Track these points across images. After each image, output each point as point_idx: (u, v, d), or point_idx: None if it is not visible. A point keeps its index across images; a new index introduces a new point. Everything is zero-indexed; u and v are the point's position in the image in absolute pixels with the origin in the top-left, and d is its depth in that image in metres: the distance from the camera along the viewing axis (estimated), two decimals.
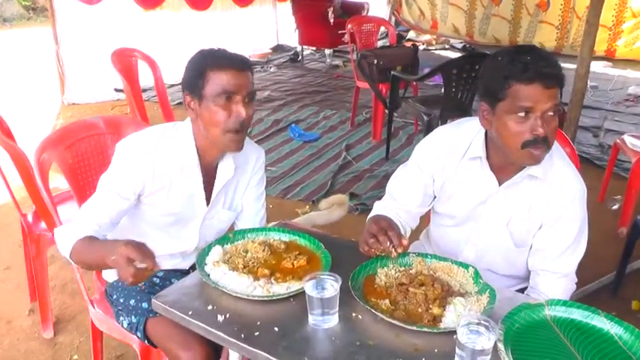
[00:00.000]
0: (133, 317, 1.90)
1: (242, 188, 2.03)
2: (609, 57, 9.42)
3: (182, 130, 1.86)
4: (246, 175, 2.01)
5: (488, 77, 1.69)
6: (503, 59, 1.64)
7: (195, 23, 8.01)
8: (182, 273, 1.99)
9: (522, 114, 1.60)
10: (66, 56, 6.67)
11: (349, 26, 5.95)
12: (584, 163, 5.02)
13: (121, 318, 1.94)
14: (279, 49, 9.99)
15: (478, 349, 1.26)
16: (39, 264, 2.78)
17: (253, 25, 9.23)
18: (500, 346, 1.31)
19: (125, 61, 4.52)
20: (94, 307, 2.15)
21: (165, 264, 1.89)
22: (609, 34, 9.38)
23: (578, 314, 1.48)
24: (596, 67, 7.70)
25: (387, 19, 9.89)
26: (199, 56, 1.78)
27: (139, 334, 1.88)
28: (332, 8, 8.76)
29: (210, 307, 1.54)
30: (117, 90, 6.81)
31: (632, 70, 8.72)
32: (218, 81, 1.72)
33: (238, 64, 1.74)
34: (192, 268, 2.01)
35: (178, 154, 1.84)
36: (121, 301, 1.96)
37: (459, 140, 1.86)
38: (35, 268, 2.81)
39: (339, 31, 8.60)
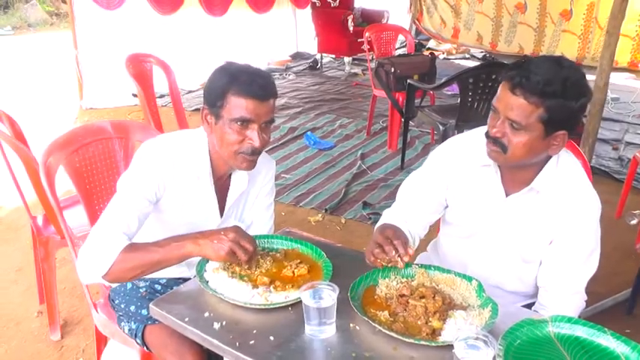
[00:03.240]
0: (132, 323, 1.90)
1: (252, 199, 2.03)
2: (633, 68, 9.30)
3: (198, 140, 1.86)
4: (256, 186, 2.02)
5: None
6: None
7: (212, 29, 8.05)
8: (185, 281, 1.98)
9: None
10: (85, 61, 6.75)
11: (367, 34, 5.94)
12: (603, 177, 4.94)
13: (123, 323, 1.94)
14: (298, 56, 10.02)
15: None
16: (47, 266, 2.80)
17: (272, 32, 9.26)
18: None
19: (139, 67, 4.52)
20: (97, 311, 2.14)
21: (170, 272, 1.88)
22: (633, 45, 9.24)
23: (582, 332, 1.44)
24: (618, 78, 7.59)
25: (407, 27, 9.86)
26: (224, 74, 1.75)
27: (138, 340, 1.88)
28: (352, 16, 8.77)
29: (207, 315, 1.52)
30: (134, 95, 6.86)
31: None
32: (237, 106, 1.71)
33: (261, 94, 1.72)
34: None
35: (193, 163, 1.84)
36: (123, 306, 1.96)
37: (473, 147, 1.84)
38: (44, 270, 2.82)
39: (359, 40, 8.60)
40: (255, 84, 1.71)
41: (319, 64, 9.36)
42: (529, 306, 1.85)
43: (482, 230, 1.86)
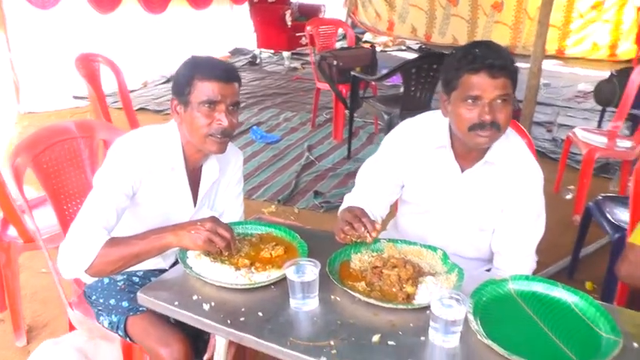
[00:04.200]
0: (113, 316, 1.94)
1: (223, 188, 2.13)
2: (559, 56, 9.91)
3: (170, 132, 1.95)
4: (227, 176, 2.12)
5: (445, 70, 1.86)
6: (458, 53, 1.82)
7: (152, 27, 8.01)
8: (161, 272, 2.06)
9: (471, 101, 1.76)
10: (20, 63, 6.57)
11: (308, 28, 6.06)
12: (540, 157, 5.15)
13: (102, 318, 1.99)
14: (237, 52, 10.06)
15: (450, 319, 1.39)
16: (10, 272, 2.76)
17: (211, 29, 9.26)
18: (470, 317, 1.45)
19: (89, 67, 4.51)
20: (72, 309, 2.17)
21: (146, 264, 1.95)
22: (559, 34, 9.85)
23: (539, 287, 1.64)
24: (548, 65, 8.01)
25: (343, 21, 10.05)
26: (189, 64, 1.87)
27: (120, 332, 1.93)
28: (289, 11, 8.88)
29: (195, 298, 1.61)
30: (76, 97, 6.77)
31: (580, 68, 9.13)
32: (204, 90, 1.82)
33: (225, 76, 1.84)
34: (172, 267, 2.08)
35: (167, 155, 1.93)
36: (101, 301, 1.99)
37: (425, 131, 2.00)
38: (6, 276, 2.78)
39: (297, 34, 8.76)
40: (219, 68, 1.84)
41: (258, 60, 9.43)
42: (486, 272, 2.03)
43: (439, 206, 2.02)
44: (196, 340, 1.91)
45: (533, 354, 1.35)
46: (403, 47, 10.84)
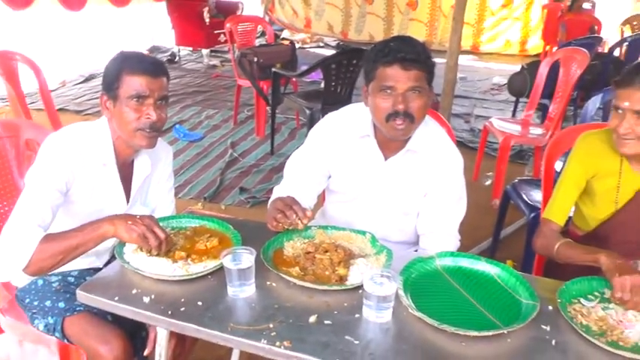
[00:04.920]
0: (49, 318, 1.91)
1: (155, 184, 2.15)
2: (475, 51, 10.41)
3: (100, 128, 1.96)
4: (158, 171, 2.14)
5: (365, 62, 1.96)
6: (376, 46, 1.93)
7: (69, 24, 7.75)
8: (96, 271, 2.05)
9: (385, 91, 1.88)
10: None
11: (228, 25, 6.05)
12: (459, 146, 5.37)
13: (37, 321, 1.94)
14: (155, 50, 9.94)
15: (382, 295, 1.49)
16: None
17: (129, 26, 9.07)
18: (401, 292, 1.56)
19: (6, 65, 4.34)
20: (4, 315, 2.12)
21: (80, 263, 1.95)
22: (473, 31, 10.38)
23: (464, 262, 1.78)
24: (464, 60, 8.38)
25: (262, 18, 10.09)
26: (117, 59, 1.89)
27: (57, 334, 1.90)
28: (207, 8, 8.83)
29: (134, 291, 1.63)
30: None
31: (495, 63, 9.60)
32: (132, 84, 1.85)
33: (153, 70, 1.87)
34: (106, 265, 2.08)
35: (98, 151, 1.94)
36: (35, 303, 1.96)
37: (349, 122, 2.10)
38: None
39: (215, 31, 8.72)
40: (147, 62, 1.88)
41: (177, 58, 9.35)
42: (414, 252, 2.14)
43: (365, 193, 2.11)
44: (134, 338, 1.92)
45: (461, 322, 1.48)
46: (321, 44, 10.98)
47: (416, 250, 2.16)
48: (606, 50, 7.06)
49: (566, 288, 1.66)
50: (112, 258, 2.04)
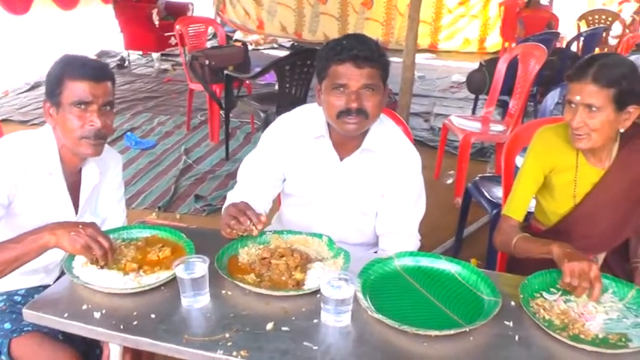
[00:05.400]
0: None
1: (104, 193, 2.13)
2: (433, 49, 10.61)
3: (45, 137, 1.93)
4: (107, 180, 2.12)
5: (317, 60, 1.98)
6: (329, 44, 1.95)
7: (13, 29, 7.56)
8: (45, 288, 2.00)
9: (338, 89, 1.90)
10: None
11: (178, 27, 6.02)
12: (418, 146, 5.43)
13: None
14: (103, 55, 9.81)
15: (340, 299, 1.50)
16: None
17: (77, 30, 8.91)
18: (360, 295, 1.58)
19: None
20: None
21: (28, 281, 1.90)
22: (430, 29, 10.59)
23: (423, 261, 1.81)
24: (422, 59, 8.50)
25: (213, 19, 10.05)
26: (59, 63, 1.86)
27: (3, 357, 1.85)
28: (156, 9, 8.74)
29: (85, 307, 1.60)
30: None
31: (453, 61, 9.77)
32: (74, 90, 1.82)
33: (96, 75, 1.84)
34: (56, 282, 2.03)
35: (43, 160, 1.90)
36: None
37: (303, 122, 2.11)
38: None
39: (166, 34, 8.64)
40: (89, 66, 1.85)
41: (127, 62, 9.24)
42: (373, 253, 2.15)
43: (321, 195, 2.13)
44: (88, 356, 1.88)
45: (422, 322, 1.50)
46: (275, 45, 11.00)
47: (376, 252, 2.18)
48: (564, 45, 7.23)
49: (528, 282, 1.69)
50: (63, 274, 2.00)
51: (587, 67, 1.84)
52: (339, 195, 2.11)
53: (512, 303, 1.63)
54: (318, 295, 1.56)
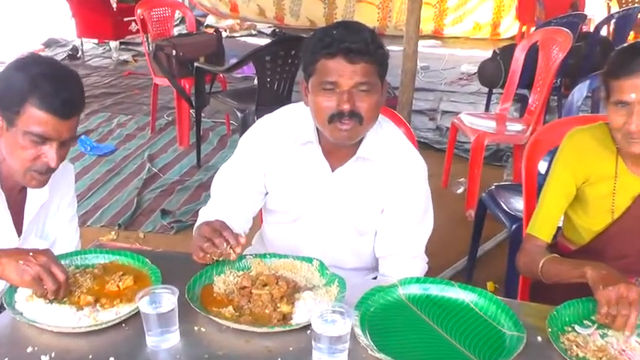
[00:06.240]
0: None
1: (53, 211, 2.10)
2: (437, 36, 10.56)
3: None
4: (57, 196, 2.09)
5: (303, 53, 1.96)
6: (316, 34, 1.92)
7: None
8: None
9: (328, 88, 1.88)
10: None
11: (139, 11, 6.01)
12: (423, 149, 5.53)
13: None
14: (53, 44, 9.80)
15: (335, 336, 1.47)
16: None
17: (21, 16, 8.86)
18: (358, 331, 1.55)
19: None
20: None
21: None
22: (435, 12, 10.53)
23: (433, 289, 1.78)
24: (425, 47, 8.49)
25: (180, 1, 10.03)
26: (24, 76, 1.77)
27: None
28: None
29: (30, 350, 1.56)
30: None
31: (462, 49, 9.77)
32: (35, 120, 1.75)
33: (64, 111, 1.78)
34: None
35: None
36: None
37: (287, 126, 2.09)
38: None
39: (125, 19, 8.61)
40: (60, 99, 1.76)
41: (80, 53, 9.22)
42: (372, 280, 2.15)
43: (310, 211, 2.11)
44: None
45: None
46: (253, 32, 11.04)
47: (375, 278, 2.17)
48: (592, 29, 7.24)
49: (557, 314, 1.67)
50: (2, 307, 1.97)
51: (634, 57, 1.81)
52: (330, 211, 2.09)
53: (539, 338, 1.61)
54: (309, 332, 1.54)
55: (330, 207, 2.08)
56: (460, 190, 4.73)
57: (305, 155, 2.06)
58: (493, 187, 3.47)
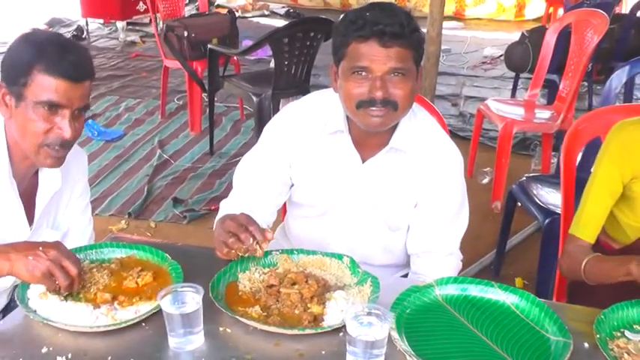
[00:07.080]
0: None
1: (66, 201, 2.08)
2: (459, 17, 10.50)
3: None
4: (69, 185, 2.06)
5: (334, 36, 1.92)
6: (348, 16, 1.88)
7: None
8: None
9: (359, 73, 1.84)
10: None
11: None
12: None
13: None
14: (56, 23, 9.79)
15: (371, 340, 1.44)
16: None
17: None
18: (394, 334, 1.51)
19: None
20: None
21: None
22: None
23: (470, 290, 1.75)
24: (446, 28, 8.42)
25: None
26: (29, 45, 1.76)
27: None
28: None
29: (45, 350, 1.54)
30: None
31: (484, 32, 9.72)
32: (46, 87, 1.73)
33: (74, 74, 1.75)
34: (4, 311, 2.00)
35: None
36: None
37: (315, 114, 2.05)
38: None
39: None
40: (67, 61, 1.74)
41: (85, 33, 9.20)
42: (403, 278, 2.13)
43: (339, 205, 2.08)
44: None
45: None
46: (266, 12, 11.00)
47: (406, 275, 2.14)
48: (627, 11, 7.16)
49: (606, 318, 1.63)
50: (12, 302, 1.95)
51: None
52: (360, 205, 2.06)
53: (586, 344, 1.58)
54: (341, 334, 1.51)
55: (360, 200, 2.05)
56: (485, 181, 4.70)
57: (334, 145, 2.03)
58: (524, 178, 3.43)
